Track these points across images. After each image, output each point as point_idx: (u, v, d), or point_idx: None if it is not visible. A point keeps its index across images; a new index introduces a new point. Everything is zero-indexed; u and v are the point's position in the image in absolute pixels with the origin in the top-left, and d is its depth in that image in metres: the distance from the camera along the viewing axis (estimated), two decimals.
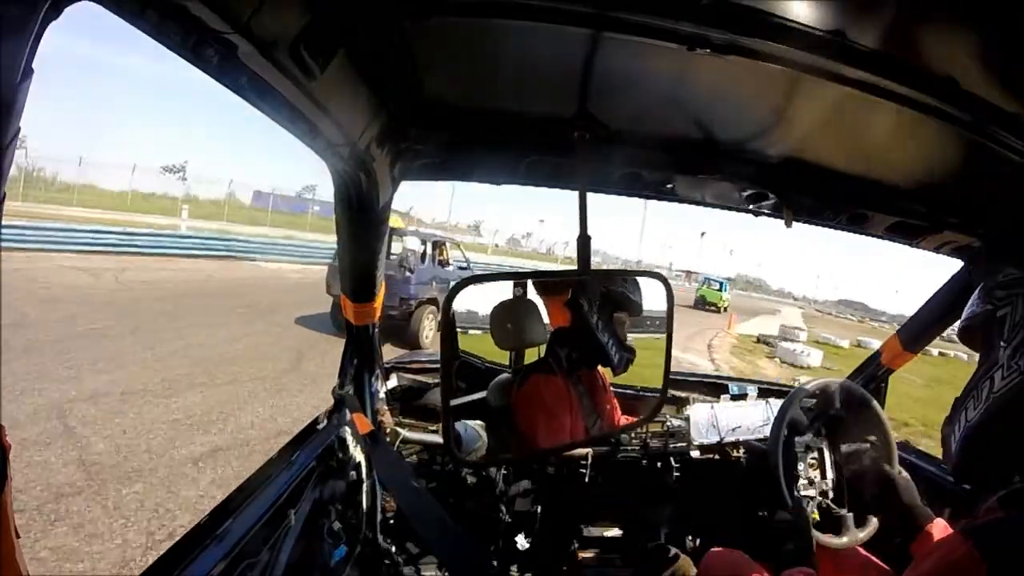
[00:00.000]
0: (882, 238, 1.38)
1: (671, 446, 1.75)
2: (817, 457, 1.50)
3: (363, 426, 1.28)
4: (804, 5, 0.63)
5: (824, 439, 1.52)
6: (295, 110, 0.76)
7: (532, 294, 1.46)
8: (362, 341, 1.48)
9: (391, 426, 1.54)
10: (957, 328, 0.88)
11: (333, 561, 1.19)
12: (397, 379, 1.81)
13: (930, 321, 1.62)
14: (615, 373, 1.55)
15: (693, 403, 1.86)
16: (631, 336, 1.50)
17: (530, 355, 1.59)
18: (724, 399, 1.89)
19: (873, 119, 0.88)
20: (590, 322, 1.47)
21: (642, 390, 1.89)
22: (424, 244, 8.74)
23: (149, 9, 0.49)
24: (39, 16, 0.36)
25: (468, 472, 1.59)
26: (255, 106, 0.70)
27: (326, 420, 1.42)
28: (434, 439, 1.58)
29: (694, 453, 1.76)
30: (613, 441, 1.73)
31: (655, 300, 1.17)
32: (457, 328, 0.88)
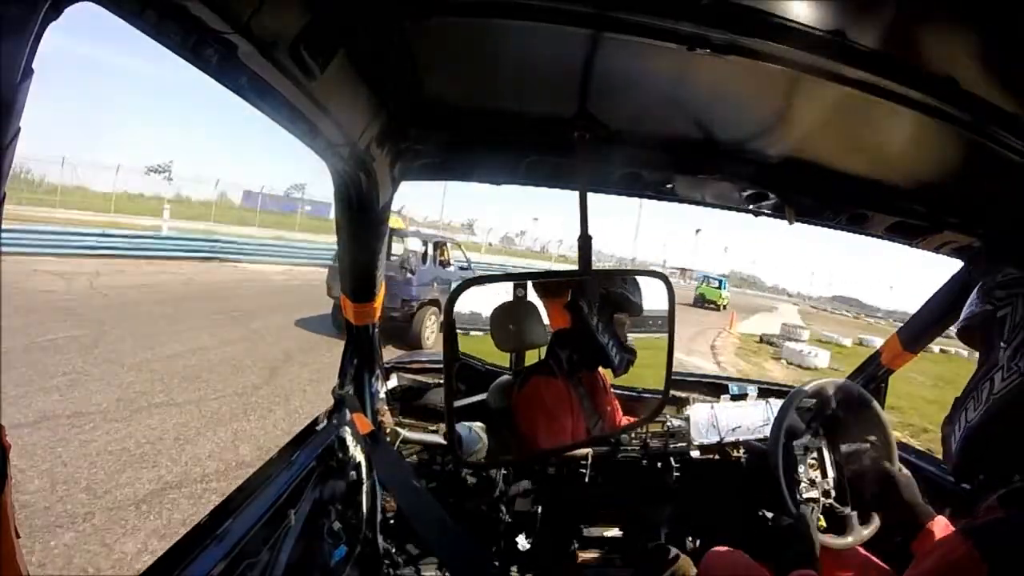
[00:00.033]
0: (882, 238, 1.38)
1: (671, 446, 1.75)
2: (817, 457, 1.50)
3: (363, 426, 1.28)
4: (804, 5, 0.63)
5: (823, 439, 1.52)
6: (295, 110, 0.76)
7: (532, 296, 1.46)
8: (362, 341, 1.48)
9: (391, 426, 1.54)
10: (956, 327, 0.88)
11: (333, 561, 1.19)
12: (397, 379, 1.81)
13: (930, 321, 1.62)
14: (616, 374, 1.55)
15: (693, 403, 1.86)
16: (633, 336, 1.50)
17: (530, 357, 1.59)
18: (724, 399, 1.89)
19: (873, 119, 0.88)
20: (590, 324, 1.47)
21: (643, 391, 1.89)
22: (425, 245, 8.67)
23: (149, 9, 0.49)
24: (39, 16, 0.36)
25: (468, 472, 1.59)
26: (255, 106, 0.70)
27: (326, 420, 1.42)
28: (434, 439, 1.58)
29: (694, 453, 1.76)
30: (613, 441, 1.73)
31: (656, 299, 1.17)
32: (458, 329, 0.88)
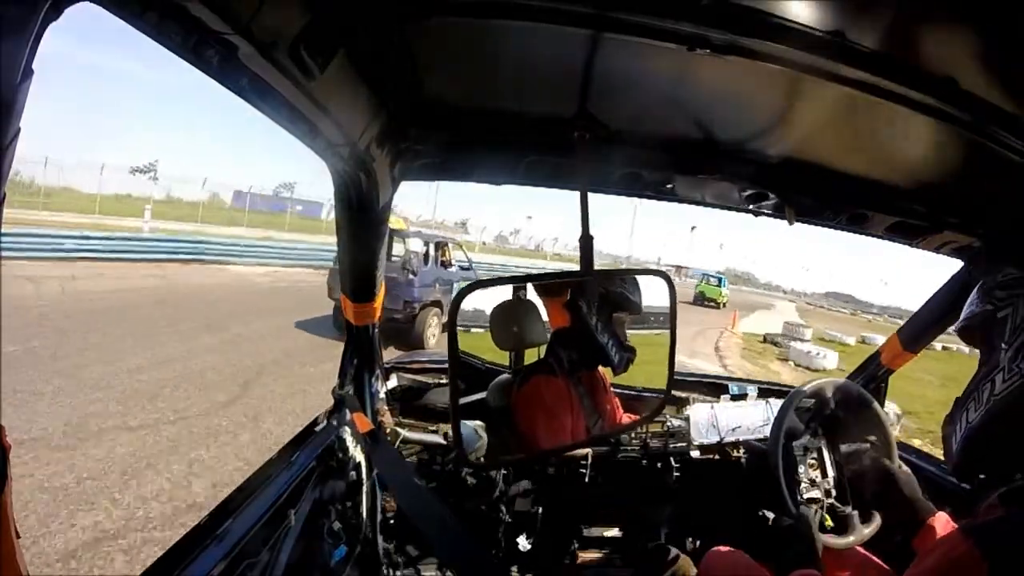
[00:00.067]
0: (882, 238, 1.38)
1: (671, 446, 1.75)
2: (817, 457, 1.50)
3: (363, 426, 1.28)
4: (804, 5, 0.63)
5: (823, 439, 1.52)
6: (295, 110, 0.76)
7: (532, 295, 1.47)
8: (362, 341, 1.48)
9: (391, 426, 1.54)
10: (957, 327, 0.88)
11: (333, 561, 1.19)
12: (397, 379, 1.81)
13: (930, 321, 1.62)
14: (615, 373, 1.56)
15: (693, 403, 1.86)
16: (635, 332, 1.51)
17: (530, 356, 1.60)
18: (724, 399, 1.89)
19: (873, 119, 0.88)
20: (590, 323, 1.48)
21: (643, 390, 1.90)
22: (427, 246, 8.62)
23: (149, 10, 0.49)
24: (39, 17, 0.36)
25: (468, 472, 1.59)
26: (255, 107, 0.70)
27: (326, 420, 1.42)
28: (434, 439, 1.58)
29: (694, 453, 1.76)
30: (613, 441, 1.73)
31: (657, 296, 1.17)
32: (459, 326, 0.88)
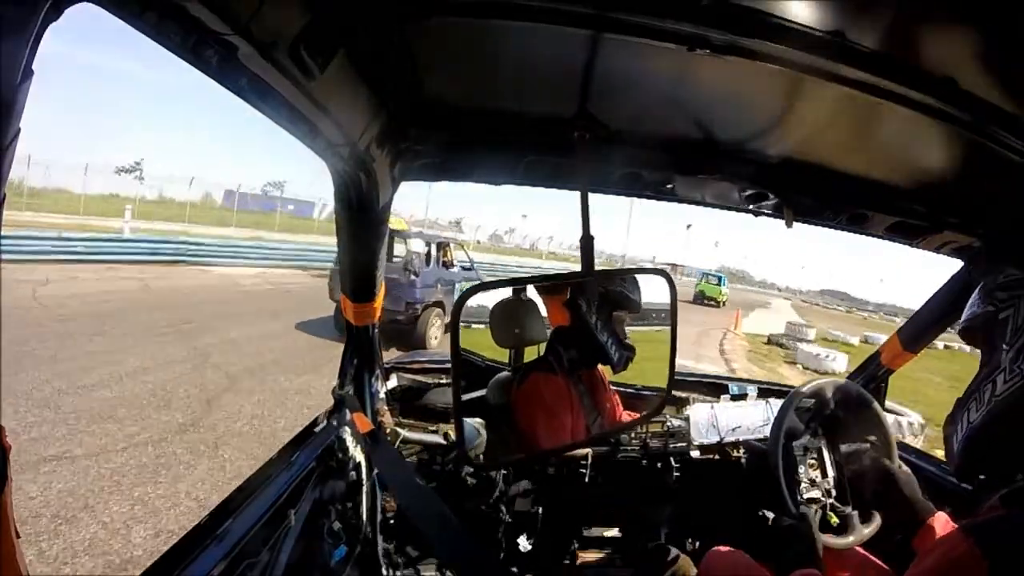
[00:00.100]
0: (882, 238, 1.39)
1: (671, 446, 1.75)
2: (817, 457, 1.50)
3: (363, 426, 1.28)
4: (804, 5, 0.63)
5: (823, 439, 1.52)
6: (295, 111, 0.76)
7: (532, 293, 1.47)
8: (362, 341, 1.48)
9: (391, 426, 1.54)
10: (959, 327, 0.89)
11: (333, 561, 1.19)
12: (397, 379, 1.81)
13: (930, 321, 1.63)
14: (615, 371, 1.56)
15: (693, 403, 1.86)
16: (637, 328, 1.51)
17: (530, 354, 1.60)
18: (724, 399, 1.89)
19: (873, 119, 0.88)
20: (589, 321, 1.48)
21: (643, 388, 1.90)
22: (428, 246, 8.61)
23: (149, 10, 0.49)
24: (39, 17, 0.36)
25: (468, 472, 1.59)
26: (255, 107, 0.70)
27: (326, 420, 1.42)
28: (434, 439, 1.58)
29: (694, 453, 1.76)
30: (613, 441, 1.73)
31: (658, 293, 1.17)
32: (462, 322, 0.88)
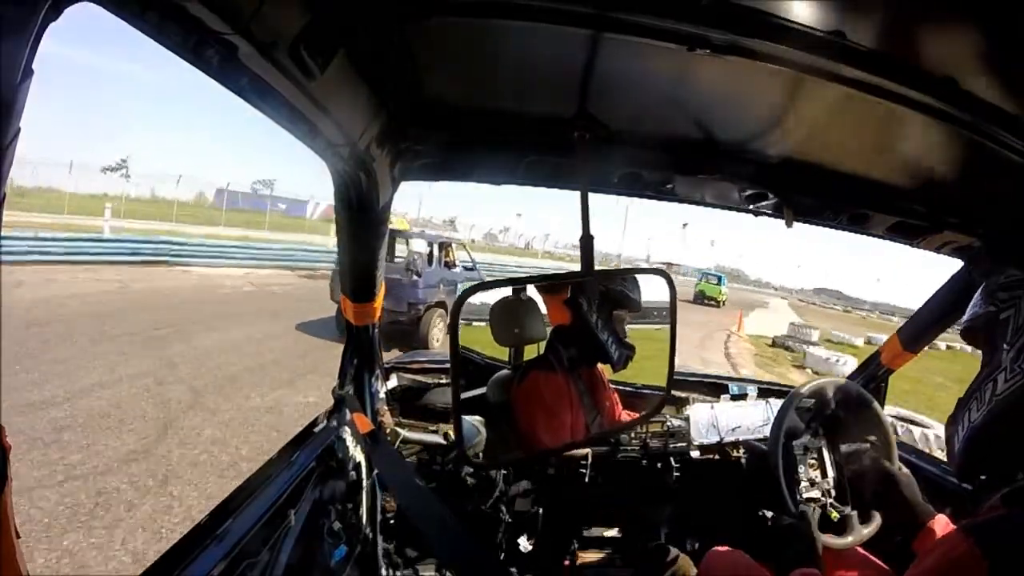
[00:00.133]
0: (882, 238, 1.38)
1: (671, 446, 1.75)
2: (817, 457, 1.50)
3: (363, 426, 1.28)
4: (804, 5, 0.63)
5: (823, 439, 1.52)
6: (295, 110, 0.76)
7: (532, 291, 1.47)
8: (362, 341, 1.48)
9: (391, 426, 1.54)
10: (960, 328, 0.89)
11: (333, 561, 1.19)
12: (397, 379, 1.81)
13: (931, 321, 1.63)
14: (614, 370, 1.56)
15: (693, 403, 1.86)
16: (638, 326, 1.51)
17: (529, 352, 1.60)
18: (724, 399, 1.89)
19: (873, 119, 0.88)
20: (589, 320, 1.48)
21: (643, 387, 1.90)
22: (430, 246, 8.61)
23: (149, 10, 0.49)
24: (39, 17, 0.36)
25: (468, 472, 1.59)
26: (255, 107, 0.70)
27: (326, 420, 1.42)
28: (434, 439, 1.58)
29: (694, 453, 1.76)
30: (613, 441, 1.73)
31: (657, 292, 1.17)
32: (462, 320, 0.88)
